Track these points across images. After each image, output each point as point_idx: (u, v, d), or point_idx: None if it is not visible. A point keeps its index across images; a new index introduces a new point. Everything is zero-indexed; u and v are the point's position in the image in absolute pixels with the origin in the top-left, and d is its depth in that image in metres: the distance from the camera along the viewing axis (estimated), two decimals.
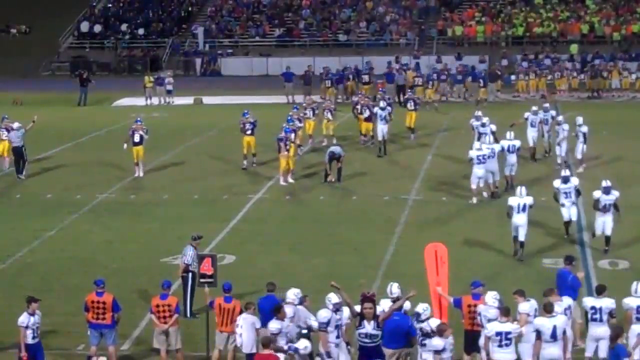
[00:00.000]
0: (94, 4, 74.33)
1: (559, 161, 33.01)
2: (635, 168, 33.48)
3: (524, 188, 23.72)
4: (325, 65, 54.17)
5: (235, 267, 22.90)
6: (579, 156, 32.56)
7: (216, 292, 18.12)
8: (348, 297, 16.31)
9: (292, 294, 17.03)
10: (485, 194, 29.13)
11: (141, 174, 33.37)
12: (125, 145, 33.40)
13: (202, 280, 18.03)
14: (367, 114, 37.52)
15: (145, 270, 23.30)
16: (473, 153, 28.61)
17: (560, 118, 34.20)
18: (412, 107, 39.50)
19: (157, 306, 17.61)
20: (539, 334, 15.80)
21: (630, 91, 53.18)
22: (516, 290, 16.76)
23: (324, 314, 16.24)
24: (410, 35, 66.44)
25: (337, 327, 16.31)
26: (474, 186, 28.82)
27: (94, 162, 36.01)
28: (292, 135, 32.10)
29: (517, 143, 30.36)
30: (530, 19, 66.02)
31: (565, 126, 33.30)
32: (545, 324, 15.81)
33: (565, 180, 24.72)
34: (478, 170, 28.57)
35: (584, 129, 32.36)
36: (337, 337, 16.32)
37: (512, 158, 30.16)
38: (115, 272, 22.78)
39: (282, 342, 16.02)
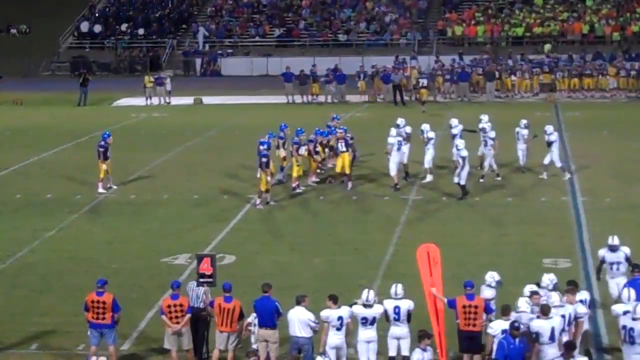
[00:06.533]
0: (94, 3, 74.34)
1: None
2: (635, 168, 33.44)
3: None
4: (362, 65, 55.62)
5: (235, 267, 22.89)
6: (549, 162, 31.16)
7: (215, 292, 18.08)
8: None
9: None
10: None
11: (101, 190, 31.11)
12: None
13: (201, 280, 18.03)
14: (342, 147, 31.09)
15: (145, 270, 23.28)
16: (392, 140, 30.51)
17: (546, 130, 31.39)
18: (344, 149, 31.09)
19: (169, 307, 17.44)
20: (537, 336, 15.85)
21: (628, 91, 53.13)
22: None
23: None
24: (410, 35, 66.44)
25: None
26: (393, 172, 30.58)
27: (94, 162, 35.97)
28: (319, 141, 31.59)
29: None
30: (530, 19, 66.00)
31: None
32: (543, 325, 15.87)
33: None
34: (397, 155, 30.66)
35: (553, 137, 30.89)
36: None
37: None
38: (115, 272, 22.74)
39: None
